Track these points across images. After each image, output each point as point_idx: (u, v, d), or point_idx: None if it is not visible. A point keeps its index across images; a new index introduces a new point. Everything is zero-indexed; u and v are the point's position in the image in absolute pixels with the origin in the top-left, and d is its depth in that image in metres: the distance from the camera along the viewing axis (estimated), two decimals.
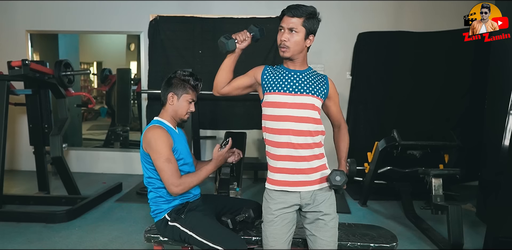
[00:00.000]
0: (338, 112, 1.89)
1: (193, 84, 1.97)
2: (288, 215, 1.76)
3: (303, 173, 1.72)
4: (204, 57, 4.72)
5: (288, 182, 1.73)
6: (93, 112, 7.48)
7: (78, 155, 5.15)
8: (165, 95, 1.97)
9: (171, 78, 1.98)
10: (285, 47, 1.70)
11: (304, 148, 1.71)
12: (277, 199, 1.75)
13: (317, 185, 1.74)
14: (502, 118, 2.69)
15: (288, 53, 1.71)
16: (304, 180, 1.73)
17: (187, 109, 1.98)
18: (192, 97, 1.98)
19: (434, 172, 3.13)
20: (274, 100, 1.74)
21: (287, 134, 1.70)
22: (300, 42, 1.69)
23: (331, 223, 1.73)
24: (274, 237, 1.74)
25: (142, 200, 3.80)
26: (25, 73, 3.37)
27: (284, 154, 1.72)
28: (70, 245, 2.84)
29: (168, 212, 1.93)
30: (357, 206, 3.85)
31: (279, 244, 1.74)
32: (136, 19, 4.76)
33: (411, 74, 4.56)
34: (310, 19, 1.68)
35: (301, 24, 1.66)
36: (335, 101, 1.85)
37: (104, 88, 6.32)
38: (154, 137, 1.83)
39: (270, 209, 1.76)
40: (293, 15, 1.66)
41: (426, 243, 2.99)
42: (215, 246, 1.74)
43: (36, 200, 3.71)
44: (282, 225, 1.74)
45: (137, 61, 5.06)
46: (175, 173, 1.82)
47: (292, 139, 1.70)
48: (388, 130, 3.60)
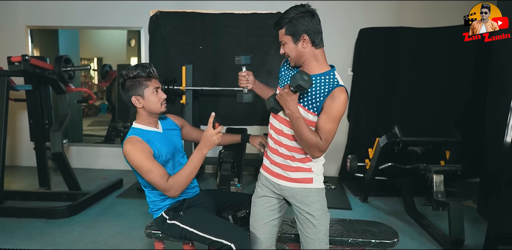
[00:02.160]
0: (323, 128, 1.59)
1: (144, 74, 1.84)
2: (270, 200, 1.83)
3: (283, 168, 1.75)
4: (205, 53, 4.71)
5: (270, 171, 1.81)
6: (93, 108, 7.49)
7: (78, 151, 5.15)
8: (129, 102, 1.86)
9: (122, 83, 1.86)
10: (289, 58, 1.68)
11: (294, 151, 1.71)
12: (263, 182, 1.85)
13: (296, 184, 1.74)
14: (503, 114, 2.68)
15: (293, 63, 1.68)
16: (283, 175, 1.76)
17: (158, 100, 1.86)
18: (153, 85, 1.86)
19: (435, 168, 3.13)
20: None
21: (282, 135, 1.72)
22: (293, 49, 1.62)
23: (315, 221, 1.73)
24: (255, 217, 1.84)
25: (143, 196, 3.74)
26: (25, 68, 3.35)
27: (273, 147, 1.77)
28: (71, 241, 2.85)
29: (165, 210, 1.91)
30: (358, 202, 3.85)
31: (259, 225, 1.82)
32: (136, 14, 4.74)
33: (413, 70, 4.55)
34: (289, 23, 1.58)
35: (284, 33, 1.62)
36: (328, 116, 1.58)
37: (105, 84, 6.32)
38: (128, 153, 1.77)
39: (256, 191, 1.89)
40: (277, 29, 1.64)
41: (427, 239, 2.99)
42: (218, 239, 1.73)
43: (37, 195, 3.72)
44: (264, 208, 1.82)
45: (138, 57, 5.05)
46: (161, 180, 1.76)
47: (283, 140, 1.72)
48: (390, 126, 3.59)
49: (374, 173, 3.73)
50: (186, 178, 1.78)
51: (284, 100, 1.56)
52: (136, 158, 1.76)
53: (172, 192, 1.78)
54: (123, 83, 1.87)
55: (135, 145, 1.79)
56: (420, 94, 4.52)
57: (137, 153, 1.77)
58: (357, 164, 3.90)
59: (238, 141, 2.17)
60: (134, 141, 1.80)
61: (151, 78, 1.87)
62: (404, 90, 4.54)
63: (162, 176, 1.77)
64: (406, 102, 4.53)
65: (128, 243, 2.82)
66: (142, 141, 1.81)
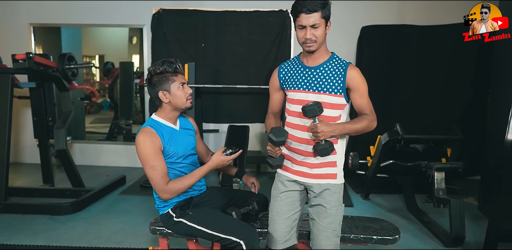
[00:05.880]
0: (363, 104, 1.76)
1: (171, 70, 1.86)
2: (293, 194, 1.85)
3: (306, 166, 1.78)
4: (207, 50, 4.73)
5: (291, 169, 1.83)
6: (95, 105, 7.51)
7: (81, 148, 5.18)
8: (156, 97, 1.89)
9: (150, 78, 1.89)
10: (312, 42, 1.67)
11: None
12: (282, 177, 1.86)
13: (321, 180, 1.78)
14: (504, 112, 2.69)
15: (314, 47, 1.69)
16: (306, 172, 1.79)
17: (184, 94, 1.88)
18: (180, 80, 1.88)
19: (437, 166, 3.14)
20: (292, 97, 1.80)
21: (303, 130, 1.75)
22: (324, 34, 1.69)
23: (331, 211, 1.77)
24: (278, 212, 1.86)
25: (146, 193, 3.83)
26: (29, 66, 3.37)
27: (295, 147, 1.79)
28: (75, 237, 2.88)
29: (172, 207, 1.93)
30: (359, 199, 3.87)
31: (281, 219, 1.85)
32: (139, 12, 4.75)
33: (415, 68, 4.55)
34: (325, 7, 1.64)
35: (320, 16, 1.64)
36: (360, 92, 1.73)
37: (107, 82, 6.33)
38: (138, 144, 1.80)
39: (276, 185, 1.89)
40: (311, 11, 1.62)
41: (428, 236, 3.01)
42: (227, 236, 1.75)
43: (41, 192, 3.74)
44: (286, 203, 1.84)
45: (140, 54, 5.06)
46: (160, 180, 1.79)
47: (308, 135, 1.74)
48: (391, 124, 3.61)
49: (375, 170, 3.75)
50: (186, 187, 1.84)
51: (323, 133, 1.62)
52: (145, 150, 1.79)
53: (168, 196, 1.82)
54: (150, 79, 1.90)
55: (148, 137, 1.81)
56: (422, 91, 4.53)
57: (148, 146, 1.80)
58: (359, 162, 3.92)
59: (232, 174, 2.26)
60: (149, 133, 1.83)
61: (177, 74, 1.90)
62: (406, 88, 4.54)
63: (163, 177, 1.80)
64: (408, 99, 4.53)
65: (131, 239, 2.85)
66: (156, 134, 1.84)
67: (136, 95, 6.19)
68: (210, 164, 1.86)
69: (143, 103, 5.41)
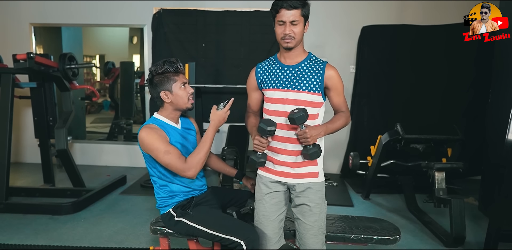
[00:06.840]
0: (340, 102, 1.81)
1: (172, 70, 1.87)
2: (277, 195, 1.85)
3: (289, 166, 1.79)
4: (207, 50, 4.73)
5: (273, 170, 1.84)
6: (96, 105, 7.52)
7: (82, 148, 5.18)
8: (158, 97, 1.89)
9: (151, 78, 1.89)
10: (290, 38, 1.71)
11: (295, 143, 1.75)
12: (264, 179, 1.86)
13: (303, 179, 1.80)
14: (505, 112, 2.69)
15: (292, 44, 1.72)
16: (289, 172, 1.80)
17: (186, 94, 1.89)
18: (181, 80, 1.89)
19: (437, 166, 3.14)
20: (270, 96, 1.81)
21: (282, 128, 1.76)
22: (302, 32, 1.73)
23: (315, 209, 1.79)
24: (264, 214, 1.85)
25: (146, 193, 3.84)
26: (30, 66, 3.38)
27: (275, 146, 1.80)
28: (76, 236, 2.88)
29: (173, 207, 1.93)
30: (360, 199, 3.87)
31: (267, 221, 1.84)
32: (139, 12, 4.75)
33: (415, 68, 4.55)
34: (305, 6, 1.70)
35: (300, 14, 1.69)
36: (337, 91, 1.78)
37: (108, 81, 6.33)
38: (145, 137, 1.81)
39: (259, 188, 1.88)
40: (292, 8, 1.66)
41: (428, 236, 3.01)
42: (227, 236, 1.75)
43: (41, 192, 3.75)
44: (271, 204, 1.84)
45: (140, 54, 5.07)
46: (179, 161, 1.79)
47: (287, 134, 1.76)
48: (392, 124, 3.61)
49: (376, 170, 3.75)
50: (205, 155, 1.84)
51: (313, 137, 1.65)
52: (153, 141, 1.80)
53: (193, 171, 1.81)
54: (151, 79, 1.90)
55: (152, 130, 1.83)
56: (423, 91, 4.53)
57: (154, 136, 1.80)
58: (359, 161, 3.92)
59: (232, 175, 2.21)
60: (153, 128, 1.85)
61: (179, 73, 1.90)
62: (406, 87, 4.55)
63: (180, 157, 1.80)
64: (409, 99, 4.53)
65: (132, 239, 2.85)
66: (160, 129, 1.85)
67: (137, 95, 6.20)
68: (212, 123, 1.89)
69: (143, 103, 5.42)
